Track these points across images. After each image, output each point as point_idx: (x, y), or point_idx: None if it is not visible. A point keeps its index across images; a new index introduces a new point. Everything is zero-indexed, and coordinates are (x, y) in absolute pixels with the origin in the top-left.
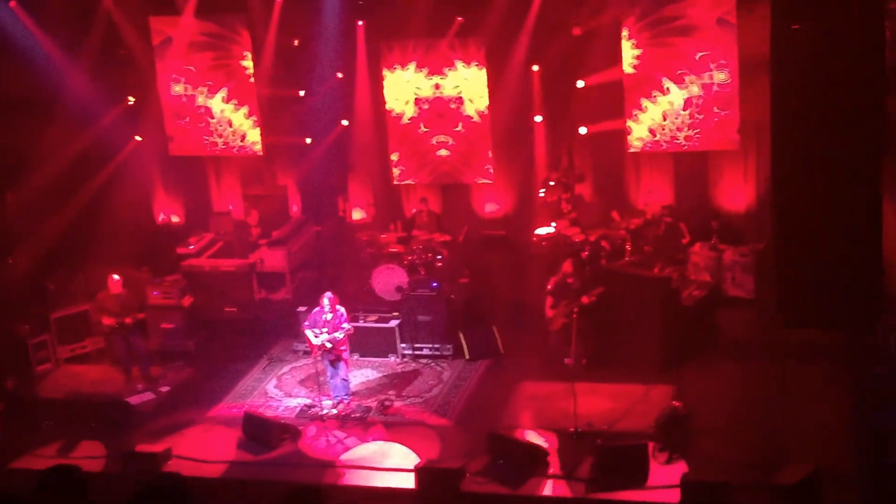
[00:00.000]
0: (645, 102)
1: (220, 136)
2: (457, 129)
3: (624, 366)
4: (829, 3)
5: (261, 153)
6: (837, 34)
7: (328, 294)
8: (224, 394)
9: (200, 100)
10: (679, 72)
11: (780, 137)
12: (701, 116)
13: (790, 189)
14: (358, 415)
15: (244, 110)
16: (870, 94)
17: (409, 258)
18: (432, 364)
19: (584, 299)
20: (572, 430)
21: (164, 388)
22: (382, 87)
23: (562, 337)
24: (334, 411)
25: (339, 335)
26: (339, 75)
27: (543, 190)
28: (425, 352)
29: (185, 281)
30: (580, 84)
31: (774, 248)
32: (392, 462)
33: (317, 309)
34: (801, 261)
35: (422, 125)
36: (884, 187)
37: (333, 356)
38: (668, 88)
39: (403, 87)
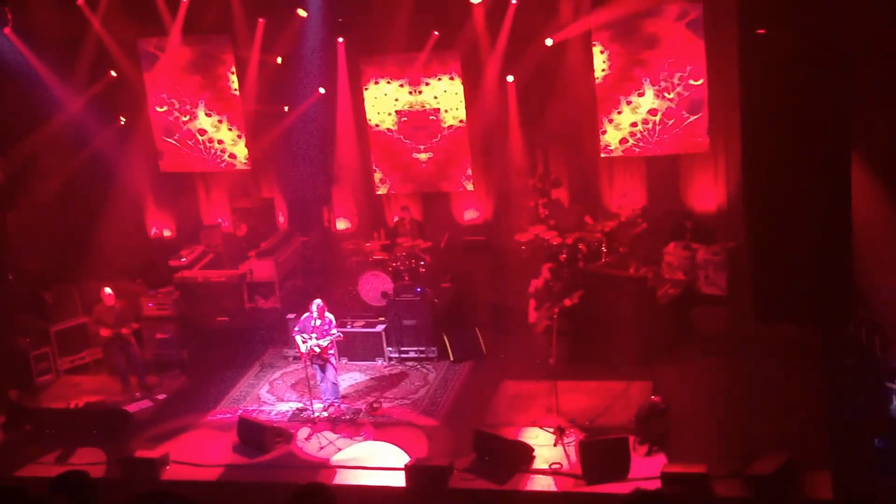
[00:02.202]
0: (616, 109)
1: (208, 151)
2: (435, 139)
3: (603, 363)
4: (797, 7)
5: (247, 167)
6: (805, 37)
7: (317, 301)
8: (218, 400)
9: (188, 117)
10: (649, 78)
11: (750, 137)
12: (671, 121)
13: (761, 187)
14: (348, 417)
15: (227, 125)
16: (837, 95)
17: (394, 265)
18: (418, 366)
19: (567, 302)
20: (555, 426)
21: (161, 396)
22: (363, 101)
23: (545, 338)
24: (325, 414)
25: (325, 341)
26: (322, 90)
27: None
28: (411, 354)
29: (178, 292)
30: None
31: (747, 245)
32: (382, 461)
33: (306, 315)
34: (773, 257)
35: (402, 136)
36: (853, 184)
37: (322, 361)
38: (638, 94)
39: (383, 101)
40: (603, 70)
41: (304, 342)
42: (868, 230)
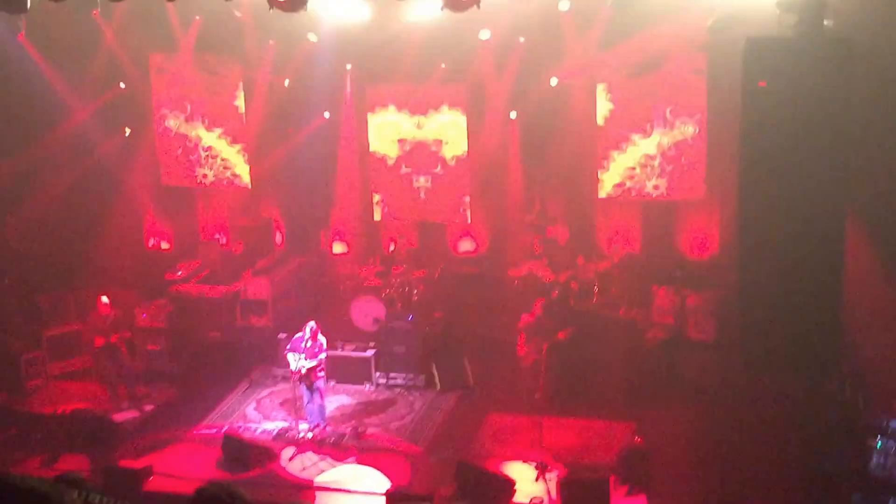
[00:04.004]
0: (616, 152)
1: (211, 168)
2: (436, 170)
3: (588, 402)
4: (799, 61)
5: (248, 186)
6: (806, 91)
7: (311, 323)
8: (205, 414)
9: (193, 133)
10: (650, 124)
11: (748, 187)
12: (670, 167)
13: (755, 238)
14: (333, 439)
15: (231, 143)
16: (835, 149)
17: (387, 291)
18: (405, 393)
19: (561, 335)
20: (538, 461)
21: (149, 407)
22: (367, 128)
23: (532, 372)
24: (310, 435)
25: (311, 363)
26: (326, 115)
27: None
28: (399, 381)
29: (172, 305)
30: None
31: (738, 294)
32: (364, 486)
33: (298, 335)
34: (763, 308)
35: (403, 165)
36: (846, 239)
37: (309, 382)
38: (639, 139)
39: (387, 129)
40: (606, 112)
41: (295, 361)
42: (857, 285)
